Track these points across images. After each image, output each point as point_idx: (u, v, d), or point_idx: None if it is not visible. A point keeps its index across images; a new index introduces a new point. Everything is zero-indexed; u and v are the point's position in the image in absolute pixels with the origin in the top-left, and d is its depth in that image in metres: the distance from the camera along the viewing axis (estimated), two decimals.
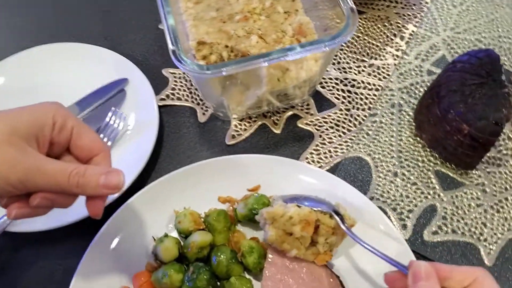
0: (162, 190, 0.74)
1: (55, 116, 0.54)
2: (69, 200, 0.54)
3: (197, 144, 0.84)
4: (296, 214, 0.64)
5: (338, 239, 0.68)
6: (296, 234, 0.64)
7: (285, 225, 0.64)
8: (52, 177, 0.50)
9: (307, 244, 0.66)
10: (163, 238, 0.69)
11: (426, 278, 0.50)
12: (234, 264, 0.67)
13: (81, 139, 0.56)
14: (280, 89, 0.79)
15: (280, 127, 0.85)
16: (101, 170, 0.53)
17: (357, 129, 0.84)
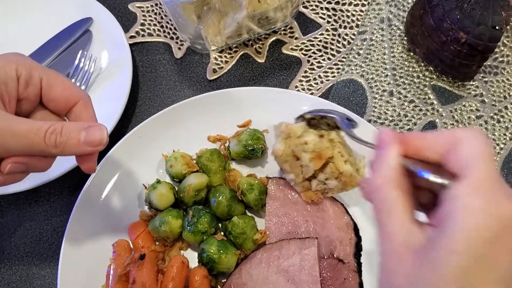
0: (146, 135, 0.69)
1: (18, 68, 0.47)
2: (46, 163, 0.48)
3: (176, 82, 0.77)
4: (312, 143, 0.59)
5: (337, 187, 0.62)
6: (303, 161, 0.60)
7: (297, 146, 0.59)
8: (26, 139, 0.44)
9: (307, 175, 0.62)
10: (155, 185, 0.64)
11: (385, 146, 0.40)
12: (235, 203, 0.64)
13: (53, 90, 0.49)
14: (261, 11, 0.72)
15: (264, 55, 0.79)
16: (80, 125, 0.47)
17: (346, 50, 0.78)
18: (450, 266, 0.32)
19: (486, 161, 0.35)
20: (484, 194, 0.33)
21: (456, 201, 0.34)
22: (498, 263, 0.32)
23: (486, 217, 0.32)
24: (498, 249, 0.32)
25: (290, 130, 0.60)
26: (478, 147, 0.36)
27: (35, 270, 0.67)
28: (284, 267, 0.60)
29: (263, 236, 0.62)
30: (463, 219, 0.33)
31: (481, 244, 0.32)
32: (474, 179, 0.34)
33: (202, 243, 0.62)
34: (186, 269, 0.60)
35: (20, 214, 0.70)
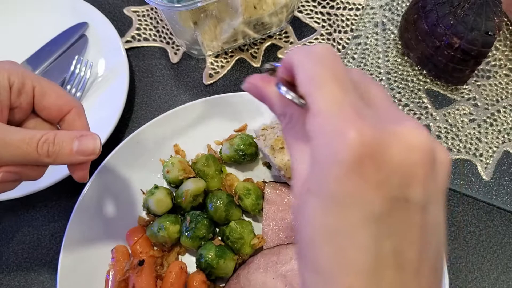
0: (144, 140, 0.69)
1: (10, 77, 0.47)
2: (38, 172, 0.48)
3: (173, 87, 0.78)
4: None
5: None
6: None
7: None
8: (18, 149, 0.44)
9: None
10: (153, 190, 0.65)
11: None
12: (232, 208, 0.64)
13: (46, 98, 0.49)
14: (256, 17, 0.73)
15: (260, 60, 0.79)
16: (72, 134, 0.47)
17: (341, 54, 0.79)
18: (308, 207, 0.29)
19: (322, 85, 0.29)
20: (326, 125, 0.28)
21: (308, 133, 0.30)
22: (360, 200, 0.27)
23: (332, 150, 0.28)
24: (356, 183, 0.27)
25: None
26: (311, 70, 0.30)
27: (33, 276, 0.67)
28: (282, 272, 0.60)
29: (261, 241, 0.63)
30: (314, 155, 0.29)
31: (333, 181, 0.27)
32: (313, 111, 0.29)
33: (200, 248, 0.62)
34: (185, 274, 0.61)
35: (18, 220, 0.70)
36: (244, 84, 0.37)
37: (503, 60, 0.77)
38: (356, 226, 0.27)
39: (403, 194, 0.28)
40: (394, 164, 0.27)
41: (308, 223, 0.29)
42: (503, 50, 0.78)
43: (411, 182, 0.28)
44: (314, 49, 0.31)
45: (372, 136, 0.27)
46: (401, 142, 0.28)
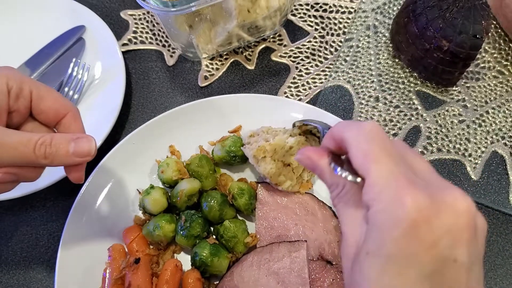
0: (140, 141, 0.70)
1: (8, 82, 0.48)
2: (36, 173, 0.50)
3: (169, 89, 0.79)
4: (297, 143, 0.63)
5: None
6: (294, 164, 0.64)
7: (284, 156, 0.63)
8: (16, 150, 0.46)
9: (299, 174, 0.65)
10: (149, 190, 0.66)
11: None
12: (226, 207, 0.66)
13: (43, 102, 0.50)
14: (250, 21, 0.74)
15: (254, 62, 0.81)
16: (69, 136, 0.48)
17: (334, 57, 0.81)
18: (366, 267, 0.33)
19: (377, 160, 0.35)
20: (383, 194, 0.33)
21: (366, 202, 0.35)
22: (416, 260, 0.32)
23: (390, 216, 0.32)
24: (412, 244, 0.32)
25: (275, 146, 0.63)
26: (364, 147, 0.36)
27: (32, 274, 0.68)
28: (275, 270, 0.62)
29: (254, 239, 0.65)
30: (373, 221, 0.33)
31: (391, 243, 0.32)
32: (371, 183, 0.34)
33: (195, 246, 0.64)
34: (180, 272, 0.62)
35: (16, 219, 0.71)
36: (297, 156, 0.43)
37: (492, 62, 0.79)
38: (413, 284, 0.32)
39: (452, 255, 0.32)
40: (444, 227, 0.32)
41: (367, 281, 0.32)
42: (492, 52, 0.80)
43: (458, 244, 0.32)
44: (364, 127, 0.37)
45: (426, 203, 0.32)
46: (450, 208, 0.32)
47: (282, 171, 0.64)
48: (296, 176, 0.65)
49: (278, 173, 0.64)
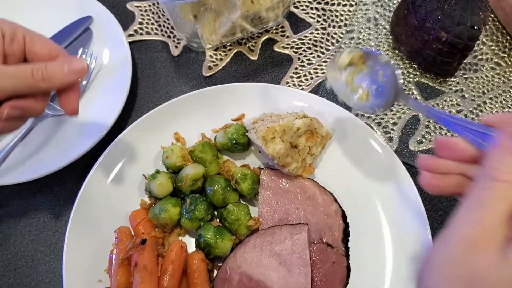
0: (146, 128, 0.72)
1: (2, 28, 0.52)
2: (39, 104, 0.52)
3: (174, 78, 0.81)
4: (304, 125, 0.65)
5: (319, 151, 0.70)
6: (301, 146, 0.66)
7: (292, 137, 0.65)
8: (15, 77, 0.49)
9: (304, 156, 0.67)
10: (155, 175, 0.68)
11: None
12: (229, 192, 0.68)
13: (35, 45, 0.53)
14: (254, 11, 0.76)
15: (257, 53, 0.83)
16: (61, 61, 0.52)
17: (335, 48, 0.83)
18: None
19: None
20: None
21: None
22: None
23: None
24: None
25: (284, 127, 0.65)
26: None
27: (40, 256, 0.70)
28: (277, 251, 0.64)
29: (257, 222, 0.66)
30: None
31: None
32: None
33: (199, 229, 0.66)
34: (185, 253, 0.64)
35: (25, 203, 0.73)
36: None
37: (490, 54, 0.81)
38: None
39: None
40: None
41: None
42: (489, 44, 0.82)
43: None
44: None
45: None
46: None
47: (289, 153, 0.66)
48: (302, 158, 0.67)
49: (286, 154, 0.65)
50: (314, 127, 0.67)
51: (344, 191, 0.70)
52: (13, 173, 0.71)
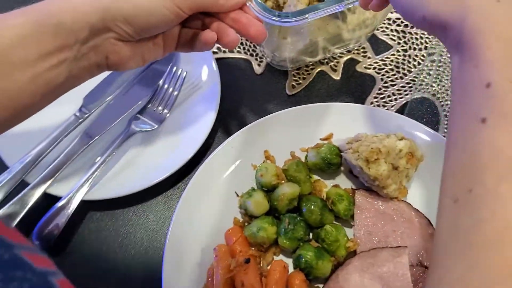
0: (238, 145, 0.73)
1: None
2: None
3: (258, 97, 0.82)
4: (406, 147, 0.65)
5: (413, 172, 0.71)
6: (401, 168, 0.66)
7: (394, 159, 0.65)
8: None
9: (403, 177, 0.68)
10: (251, 192, 0.68)
11: None
12: (326, 212, 0.68)
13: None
14: (338, 34, 0.77)
15: (339, 72, 0.84)
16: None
17: (417, 70, 0.83)
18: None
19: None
20: None
21: None
22: None
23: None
24: None
25: (388, 148, 0.65)
26: None
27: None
28: (379, 274, 0.63)
29: (355, 244, 0.66)
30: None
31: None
32: None
33: (298, 249, 0.65)
34: (286, 273, 0.64)
35: (117, 219, 0.73)
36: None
37: None
38: None
39: None
40: None
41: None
42: None
43: None
44: None
45: None
46: None
47: (390, 174, 0.66)
48: (401, 180, 0.68)
49: (388, 175, 0.65)
50: (413, 149, 0.68)
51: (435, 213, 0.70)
52: (103, 189, 0.71)
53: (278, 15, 0.63)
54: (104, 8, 0.50)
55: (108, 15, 0.51)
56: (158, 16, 0.53)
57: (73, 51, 0.51)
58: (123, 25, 0.52)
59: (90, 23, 0.50)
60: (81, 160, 0.73)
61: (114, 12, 0.51)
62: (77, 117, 0.73)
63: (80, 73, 0.53)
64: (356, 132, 0.73)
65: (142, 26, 0.53)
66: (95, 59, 0.53)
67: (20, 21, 0.48)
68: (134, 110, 0.76)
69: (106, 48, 0.53)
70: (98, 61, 0.54)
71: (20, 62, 0.47)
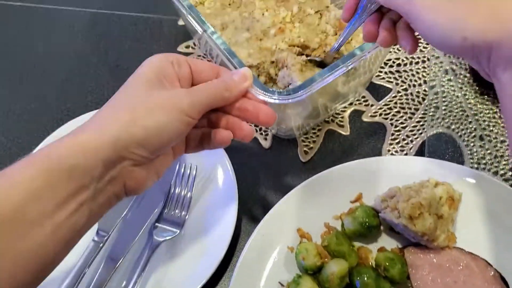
0: (267, 231, 0.69)
1: (168, 58, 0.55)
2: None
3: (272, 171, 0.79)
4: (444, 192, 0.63)
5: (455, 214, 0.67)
6: (445, 215, 0.63)
7: (437, 208, 0.62)
8: (207, 92, 0.54)
9: (449, 224, 0.64)
10: (297, 280, 0.64)
11: None
12: (381, 281, 0.63)
13: (198, 66, 0.57)
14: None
15: (347, 127, 0.81)
16: (227, 74, 0.57)
17: (424, 106, 0.82)
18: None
19: None
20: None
21: None
22: None
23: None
24: None
25: (430, 199, 0.62)
26: None
27: None
28: None
29: None
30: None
31: None
32: None
33: None
34: None
35: None
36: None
37: None
38: None
39: None
40: None
41: None
42: None
43: None
44: None
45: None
46: None
47: (437, 225, 0.62)
48: (447, 227, 0.64)
49: (435, 227, 0.62)
50: (451, 192, 0.65)
51: (490, 252, 0.66)
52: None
53: (278, 93, 0.61)
54: (114, 139, 0.48)
55: (120, 145, 0.48)
56: (170, 132, 0.50)
57: (90, 190, 0.47)
58: (138, 150, 0.49)
59: (103, 158, 0.47)
60: (110, 285, 0.68)
61: (125, 140, 0.48)
62: (97, 242, 0.69)
63: (99, 209, 0.50)
64: (384, 186, 0.70)
65: (156, 146, 0.50)
66: (113, 190, 0.50)
67: (29, 174, 0.45)
68: (152, 220, 0.72)
69: (123, 177, 0.50)
70: (116, 192, 0.51)
71: (37, 218, 0.44)
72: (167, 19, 1.00)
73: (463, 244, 0.67)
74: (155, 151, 0.51)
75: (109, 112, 0.51)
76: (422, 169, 0.71)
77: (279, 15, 0.80)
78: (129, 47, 0.97)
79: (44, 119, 0.88)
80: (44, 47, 0.99)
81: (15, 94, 0.92)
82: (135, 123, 0.49)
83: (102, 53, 0.97)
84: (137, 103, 0.50)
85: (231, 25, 0.80)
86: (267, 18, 0.79)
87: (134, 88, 0.52)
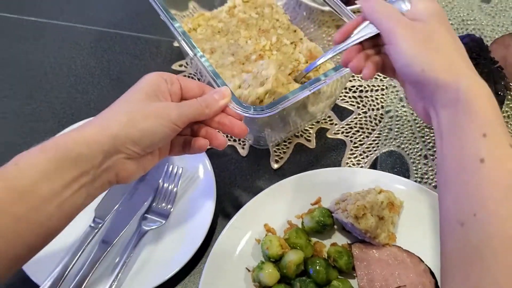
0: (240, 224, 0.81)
1: (162, 76, 0.66)
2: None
3: (247, 175, 0.91)
4: (386, 198, 0.76)
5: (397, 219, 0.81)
6: (386, 217, 0.76)
7: (378, 210, 0.75)
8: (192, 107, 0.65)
9: (390, 225, 0.77)
10: (261, 265, 0.76)
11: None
12: (330, 269, 0.76)
13: (188, 84, 0.68)
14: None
15: (313, 142, 0.95)
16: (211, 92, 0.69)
17: (380, 127, 0.95)
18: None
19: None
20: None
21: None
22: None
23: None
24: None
25: (372, 203, 0.75)
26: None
27: None
28: None
29: None
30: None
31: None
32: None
33: None
34: None
35: None
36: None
37: None
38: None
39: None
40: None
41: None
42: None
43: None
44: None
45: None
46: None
47: (378, 225, 0.75)
48: (386, 228, 0.77)
49: (376, 226, 0.75)
50: (392, 199, 0.78)
51: (424, 250, 0.79)
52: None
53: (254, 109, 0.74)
54: (114, 136, 0.59)
55: (118, 140, 0.60)
56: (160, 135, 0.63)
57: (90, 176, 0.59)
58: (132, 146, 0.61)
59: (104, 150, 0.59)
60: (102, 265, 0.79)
61: (123, 137, 0.60)
62: (93, 227, 0.80)
63: (95, 191, 0.61)
64: (340, 192, 0.83)
65: (147, 145, 0.62)
66: (107, 177, 0.62)
67: (42, 159, 0.56)
68: (141, 211, 0.84)
69: (117, 167, 0.62)
70: (110, 179, 0.62)
71: (48, 195, 0.55)
72: (164, 40, 1.13)
73: (402, 243, 0.80)
74: (146, 149, 0.63)
75: (111, 114, 0.63)
76: (373, 180, 0.85)
77: (260, 43, 0.93)
78: (130, 62, 1.10)
79: (51, 122, 1.00)
80: (55, 58, 1.11)
81: (27, 99, 1.04)
82: (133, 125, 0.61)
83: (105, 66, 1.10)
84: (136, 110, 0.62)
85: (219, 50, 0.94)
86: (250, 45, 0.93)
87: (133, 97, 0.64)
